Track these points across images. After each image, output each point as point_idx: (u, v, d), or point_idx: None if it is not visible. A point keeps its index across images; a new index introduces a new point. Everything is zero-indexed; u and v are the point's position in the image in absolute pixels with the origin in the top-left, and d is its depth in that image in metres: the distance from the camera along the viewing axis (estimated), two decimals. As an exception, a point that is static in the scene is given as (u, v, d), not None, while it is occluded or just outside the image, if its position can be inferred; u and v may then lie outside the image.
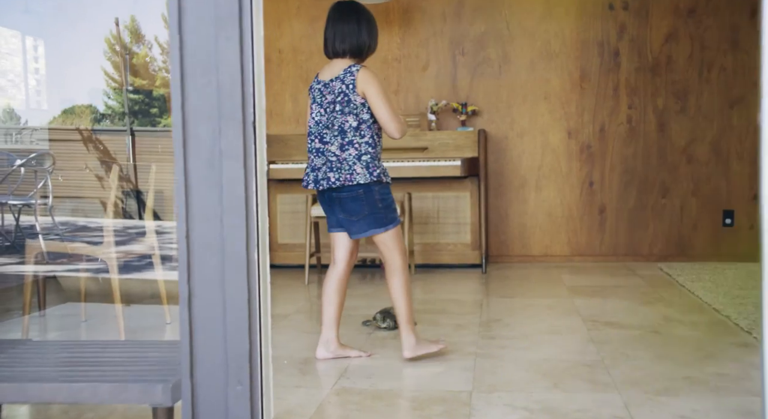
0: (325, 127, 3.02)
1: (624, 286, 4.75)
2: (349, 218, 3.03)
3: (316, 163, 3.04)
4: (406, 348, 3.07)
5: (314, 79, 3.12)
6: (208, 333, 1.55)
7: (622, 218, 5.81)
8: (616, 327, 3.63)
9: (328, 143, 3.01)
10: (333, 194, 3.03)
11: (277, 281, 5.24)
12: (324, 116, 3.03)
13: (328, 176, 2.98)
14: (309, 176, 3.07)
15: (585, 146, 5.82)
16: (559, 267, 5.61)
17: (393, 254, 3.08)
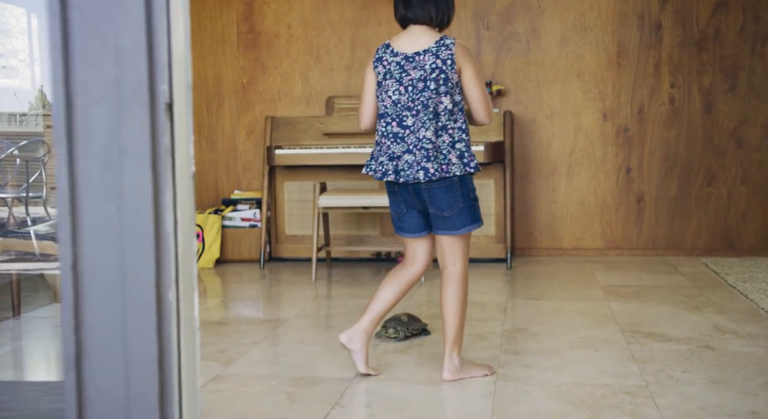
0: (405, 108, 2.55)
1: (665, 286, 4.25)
2: (441, 212, 2.58)
3: (395, 150, 2.55)
4: (447, 369, 2.64)
5: (384, 50, 2.63)
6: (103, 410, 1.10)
7: (663, 209, 5.29)
8: (659, 339, 3.14)
9: (411, 127, 2.54)
10: (421, 186, 2.56)
11: (282, 277, 4.80)
12: (405, 95, 2.56)
13: (425, 167, 2.50)
14: (384, 165, 2.57)
15: (622, 129, 5.30)
16: (592, 262, 5.11)
17: (459, 260, 2.65)
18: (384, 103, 2.59)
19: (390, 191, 2.67)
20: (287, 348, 3.13)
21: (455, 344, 2.64)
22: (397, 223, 2.70)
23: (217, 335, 3.35)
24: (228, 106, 5.69)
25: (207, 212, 5.29)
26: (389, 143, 2.56)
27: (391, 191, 2.66)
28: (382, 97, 2.60)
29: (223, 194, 5.72)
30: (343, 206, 4.60)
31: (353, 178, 5.25)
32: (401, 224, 2.68)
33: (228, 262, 5.35)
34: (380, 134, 2.60)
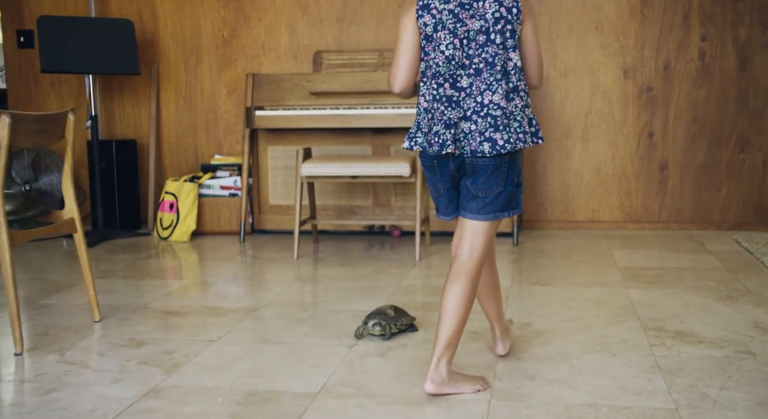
0: (460, 66, 2.12)
1: (692, 269, 3.73)
2: (476, 191, 2.17)
3: (450, 116, 2.12)
4: (432, 379, 2.16)
5: None
6: None
7: (688, 177, 4.75)
8: (689, 340, 2.64)
9: (468, 89, 2.11)
10: (477, 161, 2.13)
11: (263, 253, 4.31)
12: (459, 50, 2.12)
13: (492, 138, 2.08)
14: (441, 135, 2.12)
15: (644, 88, 4.73)
16: (609, 237, 4.59)
17: (477, 251, 2.20)
18: (436, 60, 2.13)
19: (428, 167, 2.22)
20: (247, 348, 2.64)
21: (447, 349, 2.16)
22: (435, 202, 2.30)
23: (170, 330, 2.87)
24: (207, 62, 5.15)
25: (182, 180, 4.78)
26: (443, 108, 2.12)
27: (430, 166, 2.21)
28: (433, 54, 2.14)
29: (202, 159, 5.21)
30: (329, 175, 4.08)
31: (343, 142, 4.73)
32: (438, 203, 2.29)
33: (206, 234, 4.86)
34: (431, 99, 2.14)
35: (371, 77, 4.61)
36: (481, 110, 2.08)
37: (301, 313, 3.06)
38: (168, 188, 4.79)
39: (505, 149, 2.08)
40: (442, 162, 2.17)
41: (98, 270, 3.90)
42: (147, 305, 3.21)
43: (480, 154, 2.08)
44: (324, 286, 3.53)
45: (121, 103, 5.29)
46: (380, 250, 4.36)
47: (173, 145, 5.25)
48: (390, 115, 4.39)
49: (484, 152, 2.08)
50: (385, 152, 4.71)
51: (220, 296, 3.34)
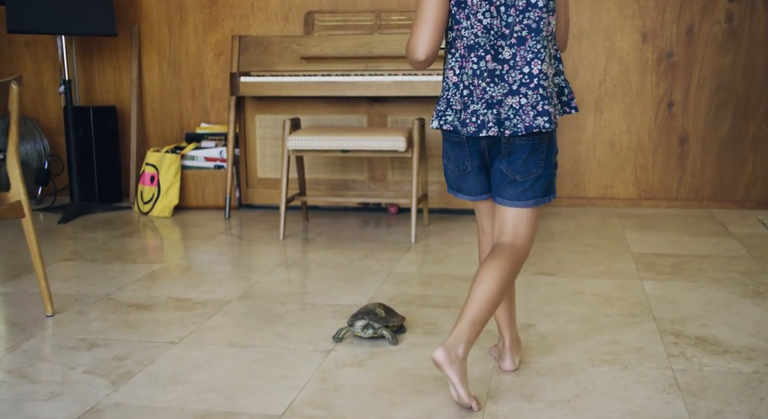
0: (499, 35, 1.90)
1: (714, 256, 3.39)
2: (513, 175, 1.96)
3: (494, 93, 1.90)
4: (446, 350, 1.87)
5: None
6: None
7: (710, 152, 4.38)
8: (712, 349, 2.31)
9: (511, 60, 1.90)
10: (514, 141, 1.93)
11: (248, 232, 3.99)
12: (497, 17, 1.89)
13: (546, 111, 1.89)
14: (480, 115, 1.91)
15: (665, 54, 4.34)
16: (622, 216, 4.24)
17: (526, 238, 2.02)
18: (473, 30, 1.90)
19: (454, 143, 2.01)
20: (210, 353, 2.34)
21: (471, 329, 1.89)
22: (454, 181, 2.08)
23: (128, 328, 2.56)
24: (193, 22, 4.79)
25: (164, 151, 4.45)
26: (484, 84, 1.90)
27: (457, 143, 2.00)
28: (466, 22, 1.91)
29: (188, 128, 4.87)
30: (318, 148, 3.74)
31: (337, 111, 4.38)
32: (460, 183, 2.06)
33: (190, 209, 4.55)
34: (471, 74, 1.92)
35: (367, 41, 4.25)
36: (530, 82, 1.88)
37: (278, 308, 2.75)
38: (149, 160, 4.47)
39: (546, 127, 1.89)
40: (472, 141, 1.97)
41: (65, 252, 3.60)
42: (110, 296, 2.91)
43: (537, 129, 1.88)
44: (308, 273, 3.22)
45: (101, 67, 4.94)
46: (374, 229, 4.04)
47: (157, 112, 4.91)
48: (386, 82, 4.02)
49: (541, 127, 1.88)
50: (381, 123, 4.35)
51: (192, 285, 3.03)
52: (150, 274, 3.21)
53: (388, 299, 2.82)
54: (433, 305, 2.76)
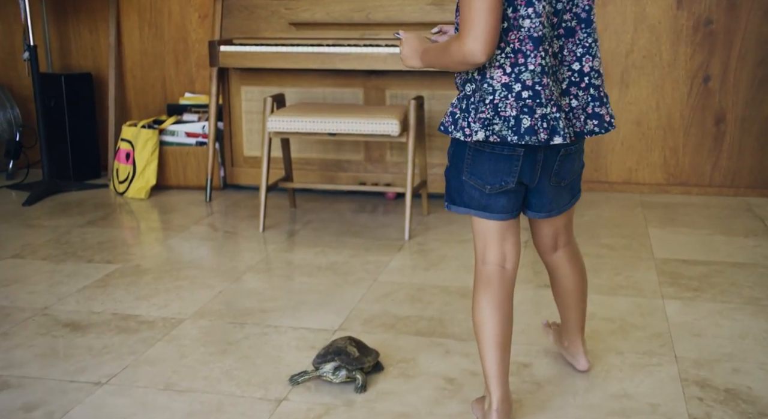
0: (550, 26, 1.62)
1: (751, 265, 2.93)
2: (559, 184, 1.77)
3: (556, 92, 1.64)
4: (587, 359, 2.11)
5: None
6: None
7: (750, 133, 3.88)
8: (746, 412, 1.89)
9: (560, 54, 1.66)
10: (570, 146, 1.73)
11: (227, 220, 3.60)
12: (551, 5, 1.62)
13: (598, 114, 1.70)
14: (551, 119, 1.61)
15: (702, 22, 3.82)
16: (647, 206, 3.78)
17: (573, 235, 1.99)
18: (539, 19, 1.59)
19: (497, 156, 1.66)
20: (138, 401, 1.96)
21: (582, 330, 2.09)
22: (478, 200, 1.73)
23: (52, 359, 2.19)
24: (176, -20, 4.33)
25: (140, 125, 4.04)
26: (551, 83, 1.62)
27: (502, 156, 1.66)
28: (525, 10, 1.58)
29: (171, 97, 4.45)
30: (302, 131, 3.31)
31: (330, 84, 3.93)
32: (489, 202, 1.72)
33: (170, 189, 4.15)
34: (537, 72, 1.60)
35: (364, 5, 3.77)
36: (580, 81, 1.66)
37: (235, 331, 2.37)
38: (124, 135, 4.07)
39: (612, 127, 1.72)
40: (529, 152, 1.66)
41: (16, 245, 3.23)
42: (46, 310, 2.54)
43: (588, 135, 1.70)
44: (280, 281, 2.82)
45: (77, 30, 4.51)
46: (367, 219, 3.62)
47: (138, 79, 4.49)
48: (383, 55, 3.56)
49: (596, 132, 1.70)
50: (379, 98, 3.90)
51: (145, 296, 2.65)
52: (102, 279, 2.83)
53: (366, 321, 2.42)
54: (415, 332, 2.36)
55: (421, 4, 3.71)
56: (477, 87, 1.62)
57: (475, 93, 1.63)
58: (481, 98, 1.62)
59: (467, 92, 1.65)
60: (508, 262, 1.78)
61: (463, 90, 1.67)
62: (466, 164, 1.70)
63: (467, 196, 1.73)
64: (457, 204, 1.76)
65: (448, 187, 1.78)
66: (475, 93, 1.63)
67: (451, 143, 1.74)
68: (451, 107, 1.69)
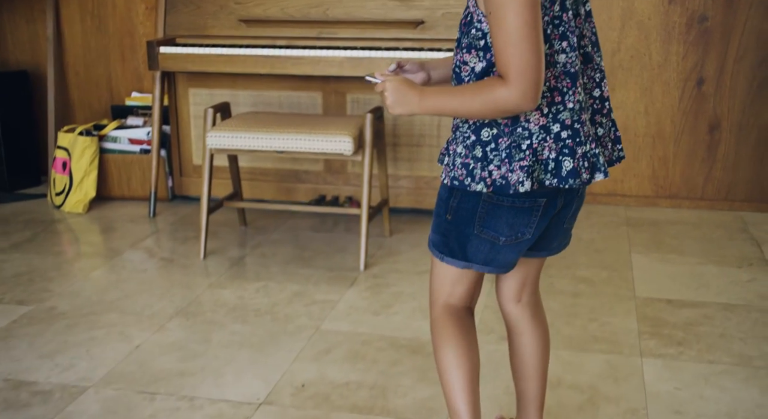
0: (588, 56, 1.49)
1: (744, 308, 2.59)
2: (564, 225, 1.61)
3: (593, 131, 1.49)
4: None
5: None
6: None
7: (747, 142, 3.52)
8: None
9: (595, 86, 1.51)
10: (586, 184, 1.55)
11: (169, 244, 3.26)
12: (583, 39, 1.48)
13: (619, 137, 1.58)
14: (590, 156, 1.45)
15: (696, 18, 3.44)
16: (633, 223, 3.44)
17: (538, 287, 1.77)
18: (574, 52, 1.43)
19: (525, 209, 1.49)
20: None
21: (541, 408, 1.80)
22: (492, 253, 1.55)
23: None
24: (119, -32, 3.94)
25: (77, 131, 3.68)
26: (587, 118, 1.47)
27: (529, 209, 1.49)
28: (560, 44, 1.42)
29: (118, 96, 4.08)
30: (244, 148, 2.96)
31: (286, 87, 3.56)
32: (496, 255, 1.55)
33: (114, 200, 3.81)
34: (576, 109, 1.44)
35: (322, 0, 3.39)
36: (602, 107, 1.52)
37: (141, 408, 2.04)
38: (60, 142, 3.71)
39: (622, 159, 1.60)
40: (552, 199, 1.50)
41: (-73, 278, 2.90)
42: (-66, 374, 2.21)
43: (617, 162, 1.57)
44: (208, 331, 2.49)
45: (12, 20, 4.13)
46: (324, 241, 3.28)
47: (81, 77, 4.11)
48: (339, 59, 3.19)
49: (621, 158, 1.58)
50: (339, 103, 3.54)
51: (49, 353, 2.32)
52: (6, 327, 2.49)
53: (296, 392, 2.10)
54: (350, 407, 2.03)
55: (384, -1, 3.33)
56: (501, 133, 1.42)
57: (497, 139, 1.42)
58: (514, 144, 1.42)
59: (483, 138, 1.43)
60: (474, 301, 1.67)
61: (476, 136, 1.44)
62: (479, 217, 1.50)
63: (473, 249, 1.54)
64: (457, 258, 1.56)
65: (444, 238, 1.55)
66: (499, 139, 1.42)
67: (451, 193, 1.51)
68: (459, 157, 1.46)
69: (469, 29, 1.42)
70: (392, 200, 3.51)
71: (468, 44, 1.42)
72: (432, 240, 1.59)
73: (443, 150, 1.54)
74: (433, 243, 1.59)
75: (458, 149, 1.47)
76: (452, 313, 1.62)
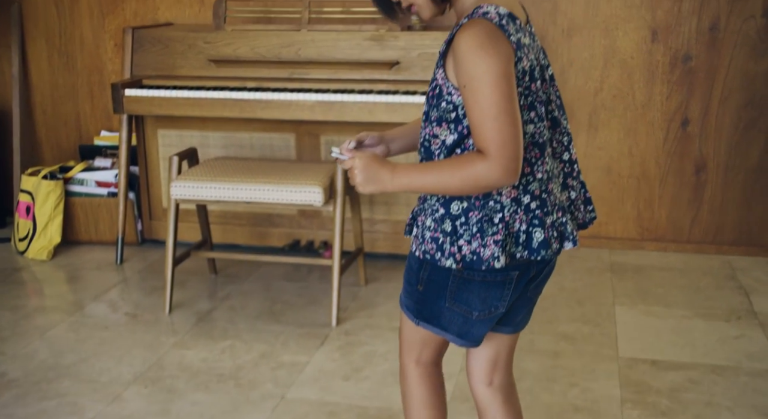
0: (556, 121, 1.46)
1: (732, 371, 2.48)
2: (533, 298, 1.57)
3: (557, 192, 1.45)
4: None
5: (509, 22, 1.34)
6: None
7: (734, 184, 3.42)
8: None
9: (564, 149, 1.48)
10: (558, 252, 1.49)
11: (134, 296, 3.12)
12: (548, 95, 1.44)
13: (590, 199, 1.55)
14: (558, 225, 1.43)
15: (680, 57, 3.34)
16: (617, 268, 3.32)
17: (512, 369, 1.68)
18: (542, 122, 1.40)
19: (497, 283, 1.44)
20: None
21: None
22: (466, 326, 1.50)
23: None
24: (86, 3, 3.81)
25: (41, 174, 3.54)
26: (554, 186, 1.45)
27: (501, 282, 1.44)
28: (534, 113, 1.39)
29: (87, 136, 3.95)
30: (211, 199, 2.83)
31: (257, 128, 3.45)
32: (470, 328, 1.50)
33: (81, 244, 3.67)
34: (544, 179, 1.42)
35: (293, 39, 3.27)
36: (572, 171, 1.51)
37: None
38: (24, 185, 3.57)
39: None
40: (525, 271, 1.46)
41: None
42: None
43: (590, 224, 1.55)
44: (165, 401, 2.35)
45: (-22, 58, 4.00)
46: (296, 292, 3.15)
47: (48, 115, 3.98)
48: (310, 103, 3.07)
49: (593, 219, 1.56)
50: (313, 145, 3.41)
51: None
52: (-45, 398, 2.36)
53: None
54: (313, 495, 1.90)
55: (358, 39, 3.21)
56: (472, 206, 1.38)
57: (468, 213, 1.38)
58: (486, 218, 1.38)
59: (453, 212, 1.39)
60: (443, 354, 1.64)
61: (446, 209, 1.40)
62: (450, 291, 1.46)
63: (447, 321, 1.50)
64: (432, 325, 1.52)
65: (417, 305, 1.51)
66: (469, 213, 1.38)
67: (421, 264, 1.46)
68: (428, 231, 1.42)
69: (439, 102, 1.37)
70: (369, 245, 3.38)
71: (438, 117, 1.38)
72: (405, 304, 1.54)
73: (410, 220, 1.51)
74: (406, 306, 1.54)
75: (427, 221, 1.42)
76: (422, 372, 1.61)
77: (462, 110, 1.35)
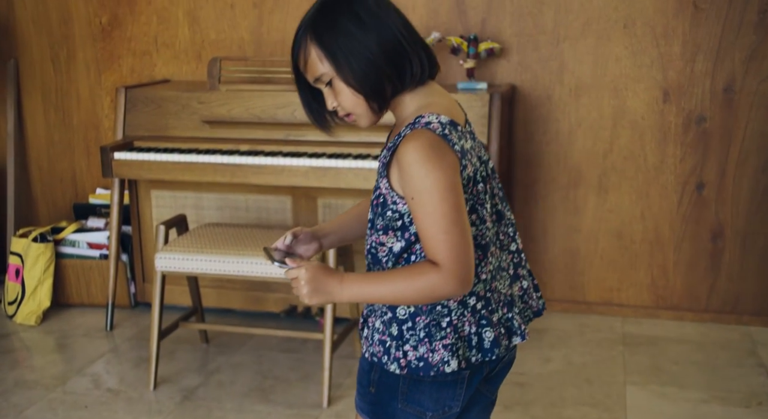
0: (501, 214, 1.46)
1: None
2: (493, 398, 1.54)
3: (505, 290, 1.44)
4: None
5: (452, 129, 1.33)
6: None
7: (753, 251, 3.24)
8: None
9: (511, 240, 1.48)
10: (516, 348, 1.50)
11: (120, 368, 2.99)
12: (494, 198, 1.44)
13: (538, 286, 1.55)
14: (505, 321, 1.42)
15: (694, 118, 3.19)
16: (630, 341, 3.14)
17: None
18: (484, 224, 1.39)
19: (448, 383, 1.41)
20: None
21: None
22: None
23: None
24: (83, 59, 3.74)
25: (32, 236, 3.43)
26: (499, 283, 1.43)
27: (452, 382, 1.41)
28: (476, 216, 1.38)
29: (83, 193, 3.86)
30: (197, 272, 2.71)
31: (253, 190, 3.32)
32: None
33: (72, 307, 3.55)
34: (488, 279, 1.40)
35: (289, 100, 3.16)
36: (520, 260, 1.50)
37: None
38: (13, 247, 3.47)
39: None
40: (477, 370, 1.43)
41: None
42: None
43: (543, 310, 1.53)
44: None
45: (-26, 114, 3.93)
46: (289, 365, 3.01)
47: (44, 172, 3.89)
48: (303, 169, 2.95)
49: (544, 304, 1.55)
50: (310, 208, 3.28)
51: None
52: None
53: None
54: None
55: (356, 100, 3.08)
56: (419, 311, 1.37)
57: (415, 317, 1.37)
58: (434, 322, 1.37)
59: (399, 316, 1.38)
60: None
61: (393, 313, 1.39)
62: (401, 392, 1.43)
63: None
64: None
65: (372, 407, 1.46)
66: (416, 317, 1.37)
67: (371, 366, 1.44)
68: (377, 332, 1.41)
69: (384, 211, 1.37)
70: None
71: (384, 226, 1.37)
72: (359, 406, 1.50)
73: (362, 322, 1.48)
74: (361, 409, 1.49)
75: (376, 323, 1.42)
76: None
77: (408, 218, 1.34)
